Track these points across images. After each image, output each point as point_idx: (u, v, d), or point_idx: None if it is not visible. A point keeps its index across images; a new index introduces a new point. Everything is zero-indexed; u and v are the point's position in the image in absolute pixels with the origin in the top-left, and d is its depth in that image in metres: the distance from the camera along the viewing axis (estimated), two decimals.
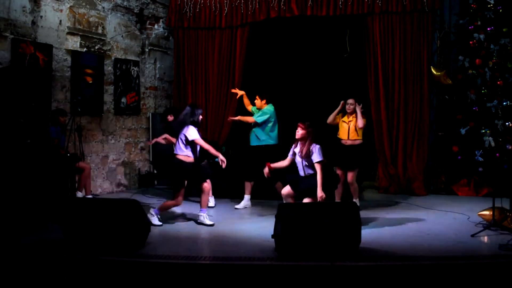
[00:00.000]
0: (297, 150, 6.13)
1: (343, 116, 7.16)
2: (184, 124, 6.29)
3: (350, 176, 6.95)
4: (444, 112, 8.74)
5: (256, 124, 7.52)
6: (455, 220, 6.51)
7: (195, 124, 6.31)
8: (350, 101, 7.08)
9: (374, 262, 4.75)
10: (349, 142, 7.01)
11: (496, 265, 4.68)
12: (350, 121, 7.07)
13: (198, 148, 6.36)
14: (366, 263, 4.71)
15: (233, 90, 8.20)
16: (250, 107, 7.80)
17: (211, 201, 7.55)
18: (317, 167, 5.90)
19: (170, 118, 7.69)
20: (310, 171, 6.03)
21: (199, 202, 6.40)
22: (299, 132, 6.05)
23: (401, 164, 8.57)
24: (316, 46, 9.86)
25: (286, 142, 7.48)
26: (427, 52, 8.44)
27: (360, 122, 6.97)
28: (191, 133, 6.21)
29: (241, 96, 7.95)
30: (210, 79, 9.20)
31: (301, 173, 6.12)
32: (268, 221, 5.99)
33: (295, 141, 6.15)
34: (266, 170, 6.30)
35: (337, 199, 6.92)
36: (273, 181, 7.22)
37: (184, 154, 6.24)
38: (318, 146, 5.95)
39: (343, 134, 7.10)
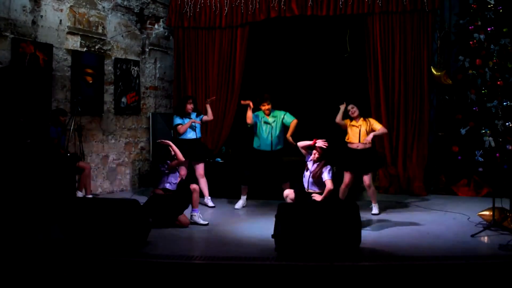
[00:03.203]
0: (310, 164, 6.23)
1: (351, 121, 7.00)
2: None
3: (366, 179, 6.86)
4: (444, 112, 8.74)
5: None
6: (455, 220, 6.52)
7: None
8: (349, 107, 6.98)
9: (374, 262, 4.75)
10: (361, 146, 6.88)
11: (496, 265, 4.68)
12: (360, 124, 6.94)
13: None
14: (366, 263, 4.71)
15: (243, 102, 7.61)
16: (250, 121, 7.44)
17: (210, 202, 7.57)
18: (327, 183, 6.02)
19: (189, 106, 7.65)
20: (314, 188, 6.17)
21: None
22: (316, 155, 6.13)
23: (401, 164, 8.56)
24: (316, 46, 9.86)
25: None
26: (427, 52, 8.43)
27: (377, 127, 6.97)
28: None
29: (245, 105, 7.54)
30: (210, 78, 9.20)
31: (305, 185, 6.24)
32: (268, 221, 5.99)
33: (313, 153, 6.19)
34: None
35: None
36: (281, 180, 7.22)
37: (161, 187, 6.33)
38: (329, 167, 6.09)
39: (353, 137, 6.94)
